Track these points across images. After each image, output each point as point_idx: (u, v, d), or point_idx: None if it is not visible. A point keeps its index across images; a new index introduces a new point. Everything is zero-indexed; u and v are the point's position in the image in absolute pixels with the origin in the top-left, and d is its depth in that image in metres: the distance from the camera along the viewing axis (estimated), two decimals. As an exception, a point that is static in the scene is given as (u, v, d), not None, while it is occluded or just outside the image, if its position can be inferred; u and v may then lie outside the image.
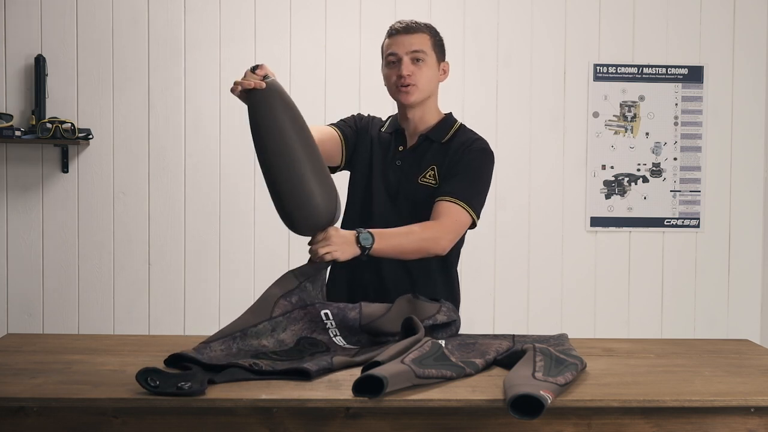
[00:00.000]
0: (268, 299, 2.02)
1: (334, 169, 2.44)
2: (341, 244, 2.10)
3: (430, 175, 2.34)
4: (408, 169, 2.37)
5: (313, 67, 3.92)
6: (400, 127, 2.44)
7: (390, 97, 2.43)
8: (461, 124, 2.44)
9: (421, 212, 2.29)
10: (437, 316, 2.13)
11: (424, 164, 2.36)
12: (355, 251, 2.13)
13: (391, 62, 2.35)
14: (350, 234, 2.13)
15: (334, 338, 2.04)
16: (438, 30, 2.43)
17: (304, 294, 2.06)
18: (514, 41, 4.00)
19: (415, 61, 2.33)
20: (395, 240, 2.18)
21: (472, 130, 2.42)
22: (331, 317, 2.05)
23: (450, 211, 2.25)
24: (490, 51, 4.00)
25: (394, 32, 2.36)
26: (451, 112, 2.47)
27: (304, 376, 1.76)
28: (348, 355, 1.94)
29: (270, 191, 2.08)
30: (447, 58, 2.45)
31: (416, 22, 2.37)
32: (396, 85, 2.34)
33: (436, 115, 2.42)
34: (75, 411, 1.62)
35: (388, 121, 2.49)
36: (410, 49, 2.33)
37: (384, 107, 3.90)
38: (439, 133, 2.39)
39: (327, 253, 2.09)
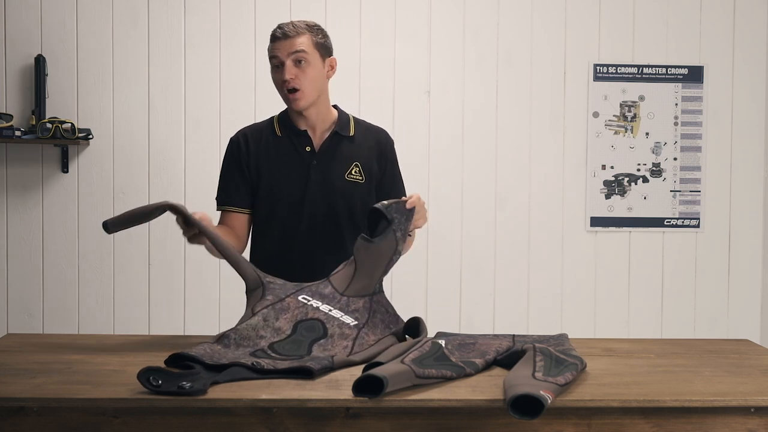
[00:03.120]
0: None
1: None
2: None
3: (355, 172, 2.46)
4: (328, 167, 2.43)
5: (313, 67, 3.92)
6: (298, 128, 2.45)
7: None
8: (351, 114, 2.53)
9: (351, 203, 2.43)
10: (394, 224, 2.17)
11: (344, 161, 2.45)
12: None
13: (275, 66, 2.38)
14: None
15: (330, 312, 2.05)
16: (321, 29, 2.43)
17: (275, 286, 2.11)
18: (514, 41, 4.00)
19: (298, 62, 2.35)
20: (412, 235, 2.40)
21: (364, 120, 2.56)
22: (311, 300, 2.07)
23: None
24: (490, 51, 4.00)
25: (274, 38, 2.37)
26: (336, 104, 2.52)
27: (307, 375, 1.76)
28: (347, 350, 1.95)
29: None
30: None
31: (295, 25, 2.38)
32: (282, 88, 2.38)
33: (331, 110, 2.49)
34: (75, 411, 1.62)
35: (277, 124, 2.49)
36: (291, 50, 2.34)
37: (383, 106, 3.92)
38: (343, 128, 2.47)
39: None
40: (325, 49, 2.41)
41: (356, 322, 2.05)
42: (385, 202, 2.18)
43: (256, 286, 2.10)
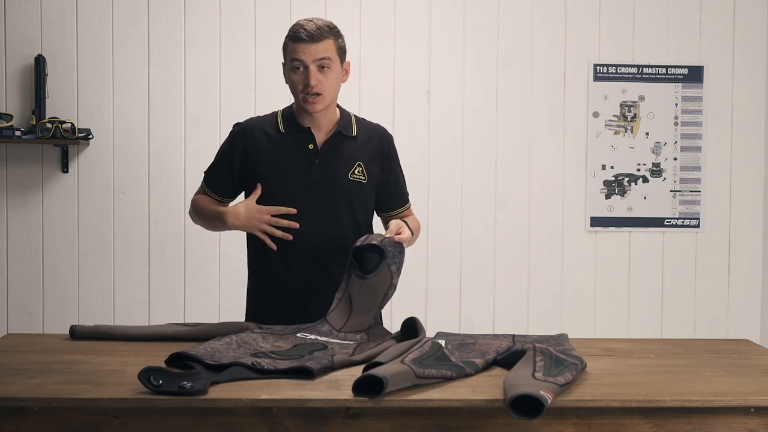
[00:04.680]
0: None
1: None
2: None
3: (358, 172, 2.45)
4: (330, 166, 2.42)
5: (313, 67, 3.92)
6: (301, 125, 2.43)
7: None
8: (351, 113, 2.53)
9: (353, 203, 2.43)
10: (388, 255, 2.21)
11: (347, 160, 2.44)
12: None
13: (296, 68, 2.34)
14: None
15: (330, 340, 2.06)
16: (340, 31, 2.40)
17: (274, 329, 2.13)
18: (514, 41, 4.00)
19: (321, 68, 2.33)
20: (415, 233, 2.46)
21: (363, 118, 2.55)
22: (309, 336, 2.09)
23: (412, 214, 2.63)
24: (490, 51, 4.00)
25: (299, 39, 2.31)
26: (337, 103, 2.51)
27: (307, 374, 1.76)
28: (347, 353, 1.95)
29: None
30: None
31: (320, 28, 2.32)
32: (302, 92, 2.35)
33: (335, 110, 2.48)
34: (75, 411, 1.62)
35: (281, 120, 2.47)
36: (317, 57, 2.31)
37: (383, 106, 3.92)
38: (346, 128, 2.47)
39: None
40: (343, 53, 2.40)
41: (355, 343, 2.06)
42: (377, 238, 2.22)
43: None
